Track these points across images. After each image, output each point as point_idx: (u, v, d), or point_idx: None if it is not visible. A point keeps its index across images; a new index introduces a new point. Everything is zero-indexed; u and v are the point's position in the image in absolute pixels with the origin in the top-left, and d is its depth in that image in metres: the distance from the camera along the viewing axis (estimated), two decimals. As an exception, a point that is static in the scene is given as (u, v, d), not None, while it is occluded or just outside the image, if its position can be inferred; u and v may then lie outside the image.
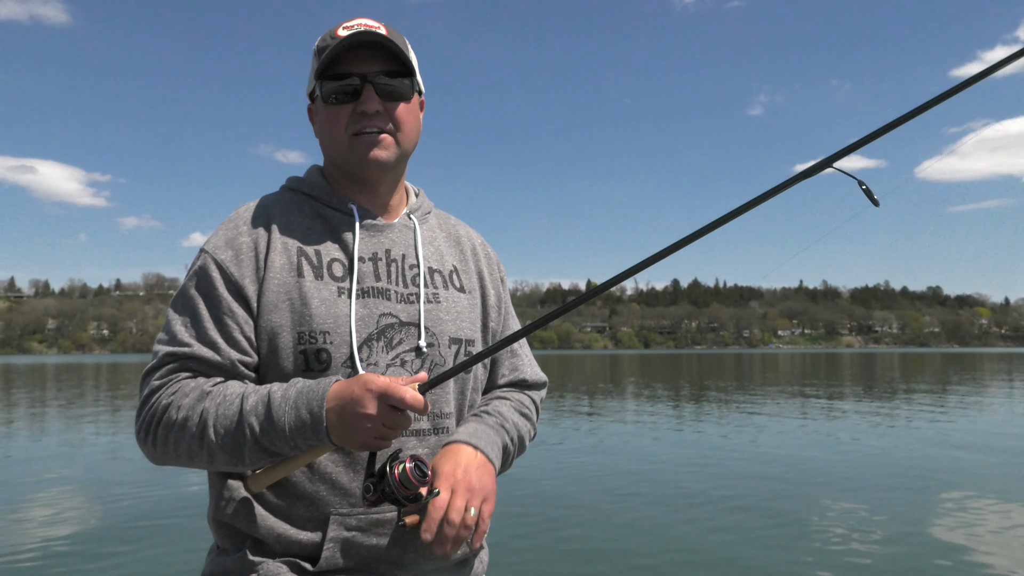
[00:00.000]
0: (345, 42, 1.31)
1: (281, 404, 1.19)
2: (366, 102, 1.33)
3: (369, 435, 1.15)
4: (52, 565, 4.97)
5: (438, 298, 1.40)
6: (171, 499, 7.00)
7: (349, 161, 1.37)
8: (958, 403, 17.50)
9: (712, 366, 51.54)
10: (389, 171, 1.39)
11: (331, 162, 1.42)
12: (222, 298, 1.28)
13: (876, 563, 4.85)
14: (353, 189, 1.42)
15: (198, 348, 1.26)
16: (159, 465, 1.27)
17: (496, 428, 1.40)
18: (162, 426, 1.22)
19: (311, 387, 1.20)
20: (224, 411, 1.20)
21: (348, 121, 1.34)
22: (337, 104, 1.34)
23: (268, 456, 1.20)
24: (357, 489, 1.28)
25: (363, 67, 1.33)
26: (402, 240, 1.42)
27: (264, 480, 1.25)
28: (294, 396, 1.19)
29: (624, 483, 7.67)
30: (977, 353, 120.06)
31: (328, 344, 1.27)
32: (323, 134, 1.40)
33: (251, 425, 1.18)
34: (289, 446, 1.19)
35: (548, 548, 5.29)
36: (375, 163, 1.35)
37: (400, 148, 1.38)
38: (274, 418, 1.18)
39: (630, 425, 13.22)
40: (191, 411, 1.20)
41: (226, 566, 1.29)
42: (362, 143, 1.34)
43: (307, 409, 1.17)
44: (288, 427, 1.17)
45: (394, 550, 1.29)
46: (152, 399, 1.24)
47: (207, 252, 1.32)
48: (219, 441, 1.19)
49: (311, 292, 1.30)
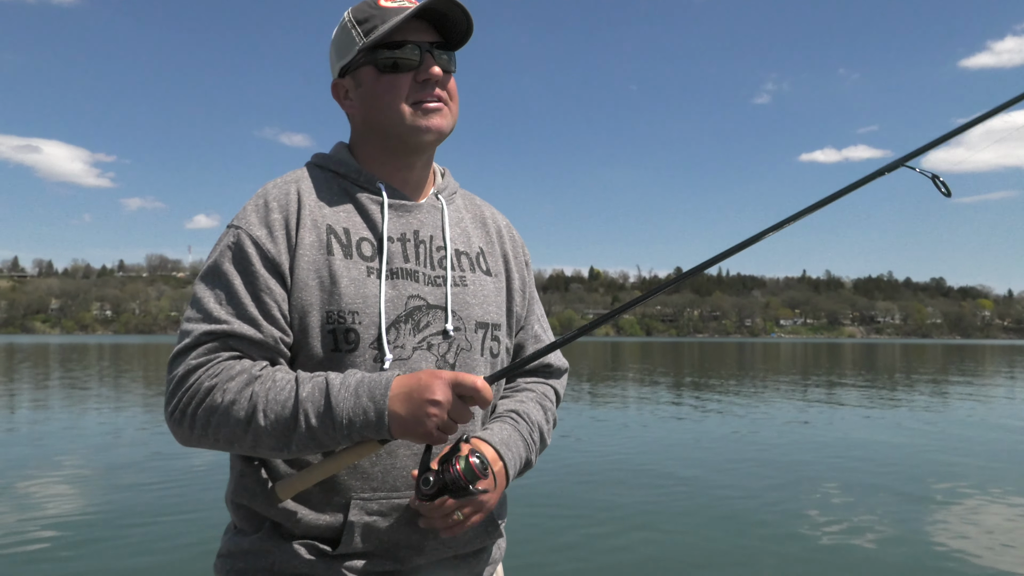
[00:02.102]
0: (421, 7, 1.29)
1: (341, 391, 1.17)
2: (429, 69, 1.31)
3: (434, 424, 1.14)
4: (63, 547, 5.04)
5: (465, 281, 1.39)
6: (180, 478, 7.08)
7: (407, 131, 1.33)
8: (959, 395, 17.57)
9: (714, 355, 51.59)
10: (439, 142, 1.38)
11: (377, 136, 1.37)
12: (259, 274, 1.25)
13: (875, 553, 4.91)
14: (386, 166, 1.39)
15: (238, 325, 1.22)
16: (188, 447, 1.24)
17: (526, 439, 1.41)
18: (204, 409, 1.18)
19: (373, 378, 1.18)
20: (276, 396, 1.17)
21: (408, 90, 1.32)
22: (396, 72, 1.32)
23: (316, 446, 1.18)
24: (379, 474, 1.27)
25: (420, 36, 1.32)
26: (430, 221, 1.40)
27: (293, 488, 1.23)
28: (354, 385, 1.17)
29: (634, 471, 7.74)
30: (979, 345, 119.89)
31: (357, 324, 1.26)
32: (374, 105, 1.35)
33: (306, 412, 1.16)
34: (343, 435, 1.16)
35: (563, 535, 5.35)
36: (438, 132, 1.34)
37: (453, 119, 1.37)
38: (332, 405, 1.16)
39: (632, 412, 13.29)
40: (239, 395, 1.17)
41: (243, 547, 1.29)
42: (424, 110, 1.32)
43: (369, 398, 1.16)
44: (347, 416, 1.15)
45: (414, 535, 1.29)
46: (191, 380, 1.19)
47: (240, 228, 1.29)
48: (268, 427, 1.17)
49: (340, 271, 1.27)
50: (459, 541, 1.34)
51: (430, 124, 1.32)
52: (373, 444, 1.19)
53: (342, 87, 1.40)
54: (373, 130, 1.38)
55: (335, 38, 1.39)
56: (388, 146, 1.37)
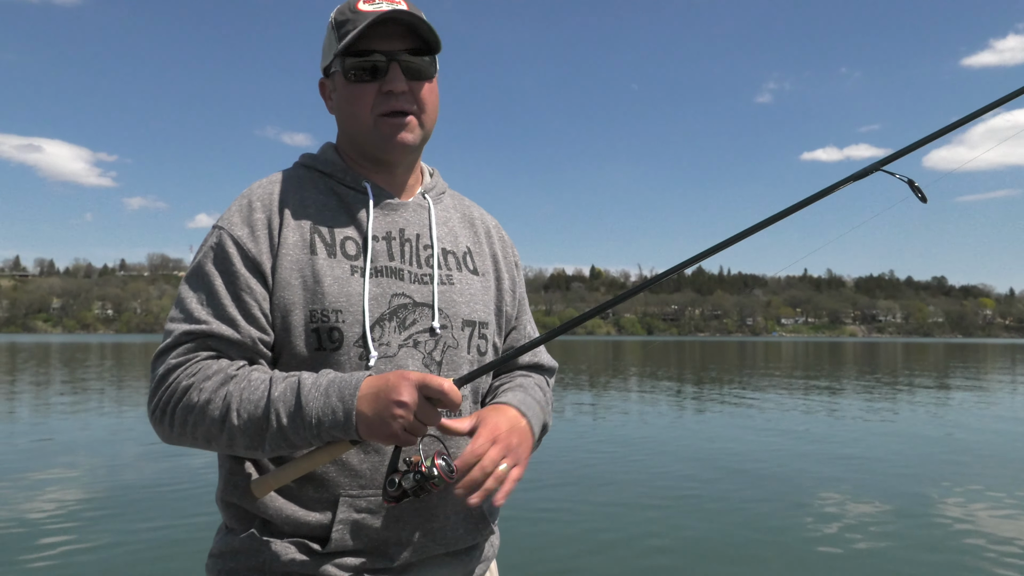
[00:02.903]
0: (372, 20, 1.27)
1: (311, 391, 1.17)
2: (393, 81, 1.29)
3: (400, 426, 1.14)
4: (59, 544, 5.01)
5: (451, 280, 1.39)
6: (177, 477, 7.05)
7: (372, 142, 1.34)
8: (961, 393, 17.53)
9: (715, 354, 51.57)
10: (411, 153, 1.37)
11: (350, 140, 1.39)
12: (240, 274, 1.26)
13: (877, 551, 4.88)
14: (369, 168, 1.39)
15: (216, 325, 1.23)
16: (171, 444, 1.25)
17: (541, 405, 1.41)
18: (181, 407, 1.19)
19: (343, 378, 1.18)
20: (249, 396, 1.18)
21: (373, 101, 1.31)
22: (360, 82, 1.31)
23: (288, 446, 1.19)
24: (368, 471, 1.27)
25: (388, 44, 1.30)
26: (416, 220, 1.40)
27: (269, 485, 1.23)
28: (325, 384, 1.18)
29: (629, 469, 7.72)
30: (981, 344, 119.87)
31: (340, 323, 1.26)
32: (343, 112, 1.36)
33: (278, 412, 1.16)
34: (313, 435, 1.17)
35: (556, 532, 5.33)
36: (401, 146, 1.33)
37: (423, 130, 1.36)
38: (303, 405, 1.16)
39: (632, 413, 13.25)
40: (214, 394, 1.18)
41: (234, 546, 1.29)
42: (388, 125, 1.31)
43: (338, 398, 1.16)
44: (316, 416, 1.15)
45: (404, 532, 1.29)
46: (170, 379, 1.21)
47: (222, 228, 1.30)
48: (241, 426, 1.17)
49: (324, 270, 1.28)
50: (451, 538, 1.33)
51: (393, 139, 1.32)
52: (344, 444, 1.19)
53: (325, 87, 1.41)
54: (346, 135, 1.40)
55: (325, 37, 1.40)
56: (362, 152, 1.38)
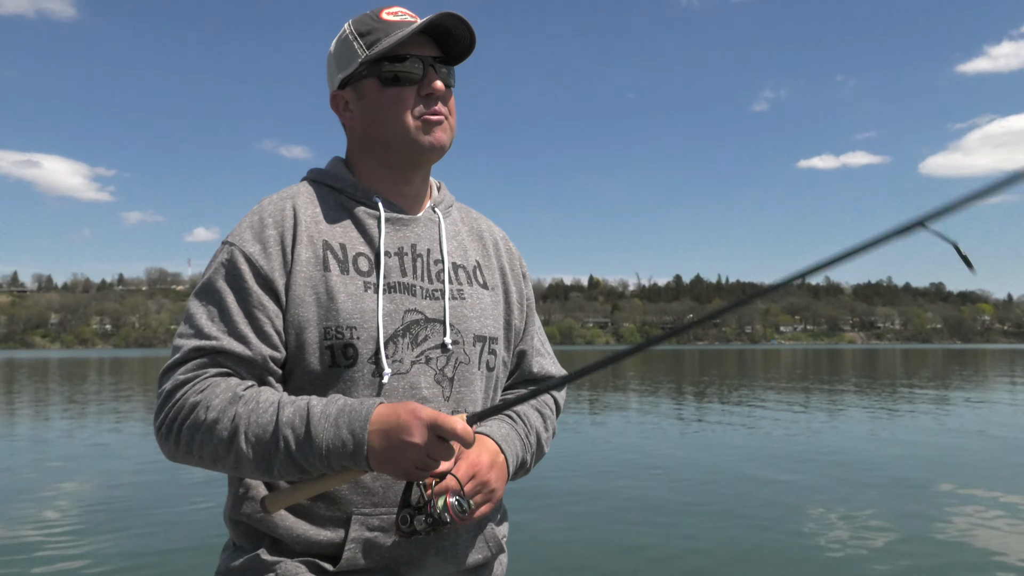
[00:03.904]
0: (429, 21, 1.30)
1: (321, 420, 1.15)
2: (432, 83, 1.32)
3: (412, 464, 1.13)
4: (62, 561, 4.97)
5: (463, 295, 1.39)
6: (179, 494, 7.01)
7: (411, 144, 1.33)
8: (961, 399, 17.51)
9: (714, 362, 51.54)
10: (440, 157, 1.38)
11: (380, 146, 1.37)
12: (252, 291, 1.25)
13: (878, 559, 4.87)
14: (384, 180, 1.39)
15: (227, 342, 1.22)
16: (175, 463, 1.24)
17: (524, 440, 1.41)
18: (188, 425, 1.18)
19: (353, 407, 1.17)
20: (257, 419, 1.16)
21: (414, 103, 1.32)
22: (399, 85, 1.32)
23: (298, 471, 1.17)
24: (380, 488, 1.27)
25: (423, 51, 1.33)
26: (427, 234, 1.40)
27: (282, 501, 1.21)
28: (335, 413, 1.16)
29: (634, 481, 7.70)
30: (979, 349, 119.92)
31: (355, 339, 1.25)
32: (377, 117, 1.35)
33: (286, 437, 1.15)
34: (323, 464, 1.15)
35: (565, 549, 5.31)
36: (440, 147, 1.34)
37: (452, 134, 1.38)
38: (312, 434, 1.14)
39: (634, 423, 13.24)
40: (222, 413, 1.17)
41: (243, 565, 1.27)
42: (429, 125, 1.33)
43: (348, 429, 1.14)
44: (326, 446, 1.14)
45: (415, 551, 1.28)
46: (177, 395, 1.19)
47: (233, 245, 1.29)
48: (249, 449, 1.16)
49: (337, 286, 1.27)
50: (461, 557, 1.33)
51: (433, 139, 1.33)
52: (358, 471, 1.18)
53: (341, 99, 1.40)
54: (373, 143, 1.37)
55: (334, 50, 1.39)
56: (388, 160, 1.37)
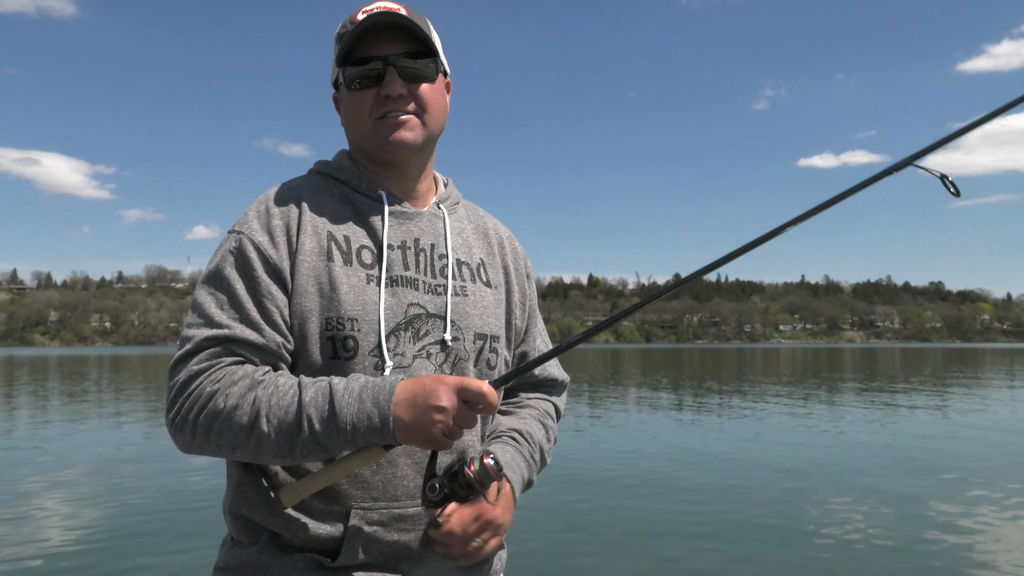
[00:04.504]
0: (363, 25, 1.29)
1: (344, 396, 1.16)
2: (389, 85, 1.31)
3: (440, 430, 1.13)
4: (63, 559, 5.00)
5: (465, 291, 1.39)
6: (180, 489, 7.02)
7: (374, 145, 1.35)
8: (960, 398, 17.53)
9: (713, 361, 51.54)
10: (415, 153, 1.37)
11: (358, 148, 1.40)
12: (261, 279, 1.25)
13: (878, 559, 4.88)
14: (381, 174, 1.40)
15: (240, 330, 1.22)
16: (190, 453, 1.23)
17: (528, 461, 1.43)
18: (205, 415, 1.17)
19: (376, 382, 1.17)
20: (279, 401, 1.16)
21: (372, 106, 1.32)
22: (361, 89, 1.33)
23: (321, 451, 1.17)
24: (380, 483, 1.26)
25: (384, 50, 1.32)
26: (431, 229, 1.40)
27: (299, 493, 1.21)
28: (358, 389, 1.16)
29: (635, 479, 7.71)
30: (979, 348, 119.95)
31: (356, 332, 1.25)
32: (348, 120, 1.38)
33: (309, 417, 1.15)
34: (347, 441, 1.15)
35: (564, 545, 5.33)
36: (400, 145, 1.33)
37: (427, 129, 1.35)
38: (336, 410, 1.14)
39: (633, 420, 13.26)
40: (241, 399, 1.16)
41: (241, 559, 1.27)
42: (386, 126, 1.32)
43: (373, 403, 1.15)
44: (351, 421, 1.14)
45: (415, 546, 1.28)
46: (193, 385, 1.18)
47: (242, 233, 1.29)
48: (271, 431, 1.15)
49: (340, 278, 1.27)
50: None
51: (393, 139, 1.32)
52: (378, 450, 1.18)
53: (337, 100, 1.43)
54: (353, 143, 1.41)
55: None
56: (371, 159, 1.39)
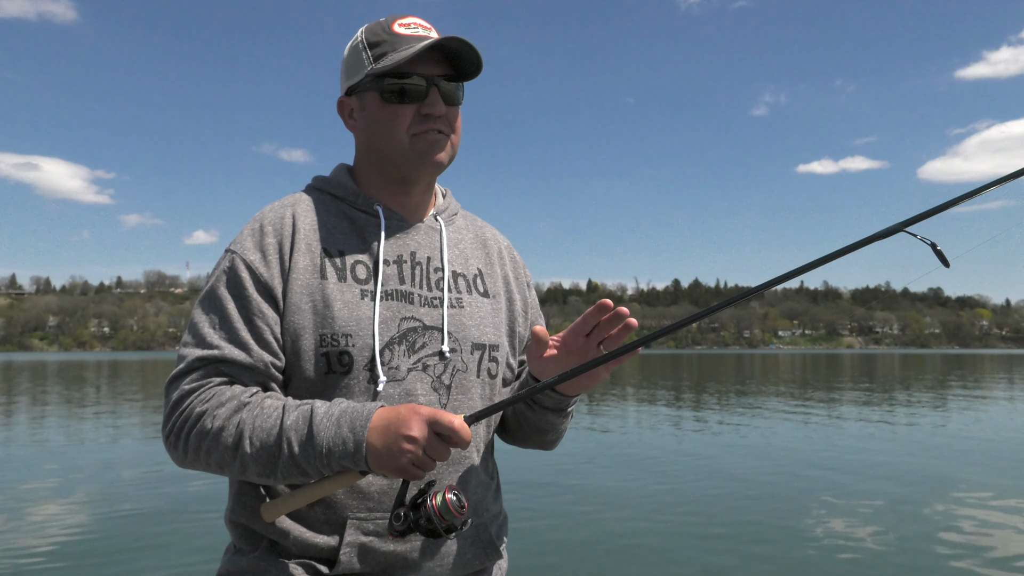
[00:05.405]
0: (432, 44, 1.30)
1: (323, 420, 1.17)
2: (433, 104, 1.32)
3: (409, 460, 1.14)
4: (64, 566, 4.96)
5: (461, 303, 1.40)
6: (184, 498, 6.99)
7: (406, 160, 1.35)
8: (959, 404, 17.52)
9: (712, 366, 51.50)
10: (440, 172, 1.39)
11: (378, 159, 1.39)
12: (252, 299, 1.27)
13: (878, 564, 4.86)
14: (385, 189, 1.40)
15: (229, 350, 1.24)
16: (185, 469, 1.27)
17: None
18: (195, 434, 1.21)
19: (356, 408, 1.19)
20: (262, 423, 1.19)
21: (410, 121, 1.33)
22: (399, 103, 1.32)
23: (301, 474, 1.19)
24: (376, 493, 1.28)
25: (428, 68, 1.32)
26: (427, 242, 1.41)
27: (278, 510, 1.23)
28: (337, 414, 1.18)
29: (635, 485, 7.68)
30: (978, 354, 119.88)
31: (350, 347, 1.27)
32: (376, 131, 1.36)
33: (289, 440, 1.17)
34: (322, 464, 1.17)
35: (564, 555, 5.30)
36: (436, 164, 1.35)
37: (453, 151, 1.39)
38: (314, 433, 1.17)
39: (631, 426, 13.23)
40: (227, 421, 1.19)
41: (242, 566, 1.30)
42: (425, 142, 1.33)
43: (349, 428, 1.16)
44: (326, 445, 1.16)
45: (412, 556, 1.29)
46: (183, 405, 1.22)
47: (235, 253, 1.31)
48: (254, 454, 1.18)
49: (334, 294, 1.29)
50: (459, 562, 1.33)
51: (429, 158, 1.34)
52: (354, 474, 1.19)
53: (347, 105, 1.41)
54: (373, 154, 1.39)
55: (346, 55, 1.40)
56: (386, 172, 1.39)
